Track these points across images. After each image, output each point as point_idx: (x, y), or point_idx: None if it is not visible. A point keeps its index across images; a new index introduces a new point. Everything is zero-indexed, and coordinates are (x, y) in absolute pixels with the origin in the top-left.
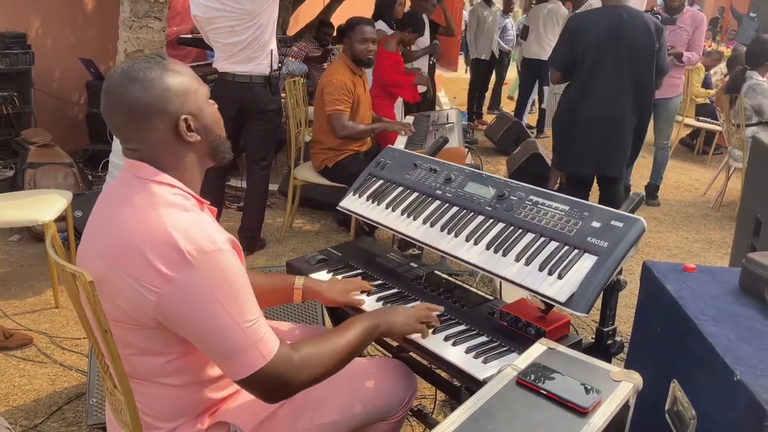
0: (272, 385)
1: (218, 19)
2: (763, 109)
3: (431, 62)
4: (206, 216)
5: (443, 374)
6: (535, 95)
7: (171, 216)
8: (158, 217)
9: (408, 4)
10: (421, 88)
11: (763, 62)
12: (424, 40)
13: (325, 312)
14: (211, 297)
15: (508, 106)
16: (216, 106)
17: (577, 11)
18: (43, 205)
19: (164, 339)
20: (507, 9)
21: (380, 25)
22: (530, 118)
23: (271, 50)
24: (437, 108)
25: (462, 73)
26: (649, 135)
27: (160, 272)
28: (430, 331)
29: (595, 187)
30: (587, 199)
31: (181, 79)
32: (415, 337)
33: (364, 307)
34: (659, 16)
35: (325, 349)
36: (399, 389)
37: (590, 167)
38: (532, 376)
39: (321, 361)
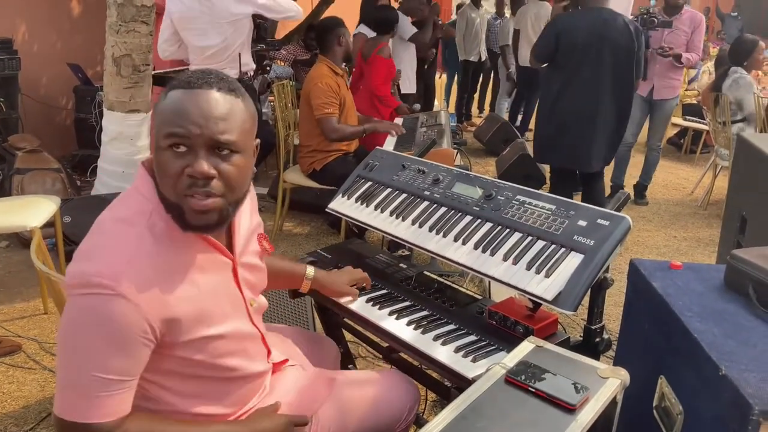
0: None
1: (193, 19)
2: (744, 103)
3: (438, 64)
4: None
5: (434, 374)
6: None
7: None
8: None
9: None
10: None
11: (745, 59)
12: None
13: (316, 315)
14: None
15: None
16: None
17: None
18: (31, 211)
19: None
20: (500, 12)
21: (362, 29)
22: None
23: (239, 54)
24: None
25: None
26: (642, 135)
27: None
28: (419, 331)
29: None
30: (572, 194)
31: None
32: (406, 337)
33: (353, 307)
34: (656, 19)
35: None
36: (400, 402)
37: (567, 160)
38: (521, 374)
39: None
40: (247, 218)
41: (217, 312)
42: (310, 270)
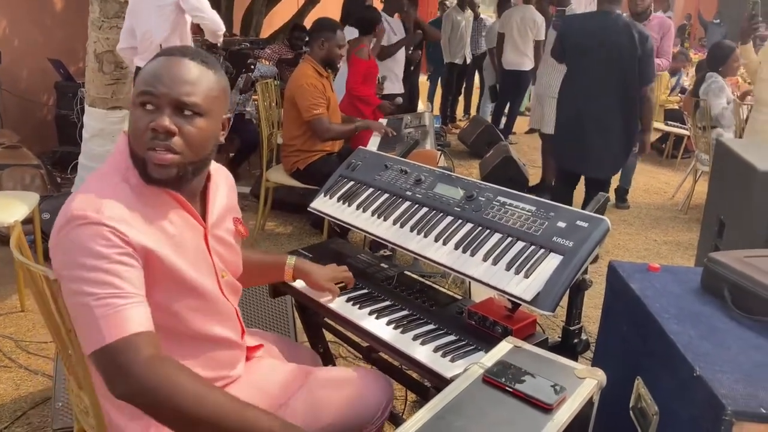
0: (110, 370)
1: (137, 6)
2: (710, 106)
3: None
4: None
5: (414, 375)
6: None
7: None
8: None
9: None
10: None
11: (721, 65)
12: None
13: (296, 314)
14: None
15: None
16: None
17: (562, 12)
18: (9, 207)
19: None
20: (475, 15)
21: (351, 30)
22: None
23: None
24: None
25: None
26: None
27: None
28: (399, 330)
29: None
30: (572, 197)
31: None
32: (385, 337)
33: (333, 306)
34: None
35: (194, 387)
36: (374, 399)
37: (571, 163)
38: (499, 374)
39: (180, 389)
40: (224, 195)
41: (190, 262)
42: (291, 258)
